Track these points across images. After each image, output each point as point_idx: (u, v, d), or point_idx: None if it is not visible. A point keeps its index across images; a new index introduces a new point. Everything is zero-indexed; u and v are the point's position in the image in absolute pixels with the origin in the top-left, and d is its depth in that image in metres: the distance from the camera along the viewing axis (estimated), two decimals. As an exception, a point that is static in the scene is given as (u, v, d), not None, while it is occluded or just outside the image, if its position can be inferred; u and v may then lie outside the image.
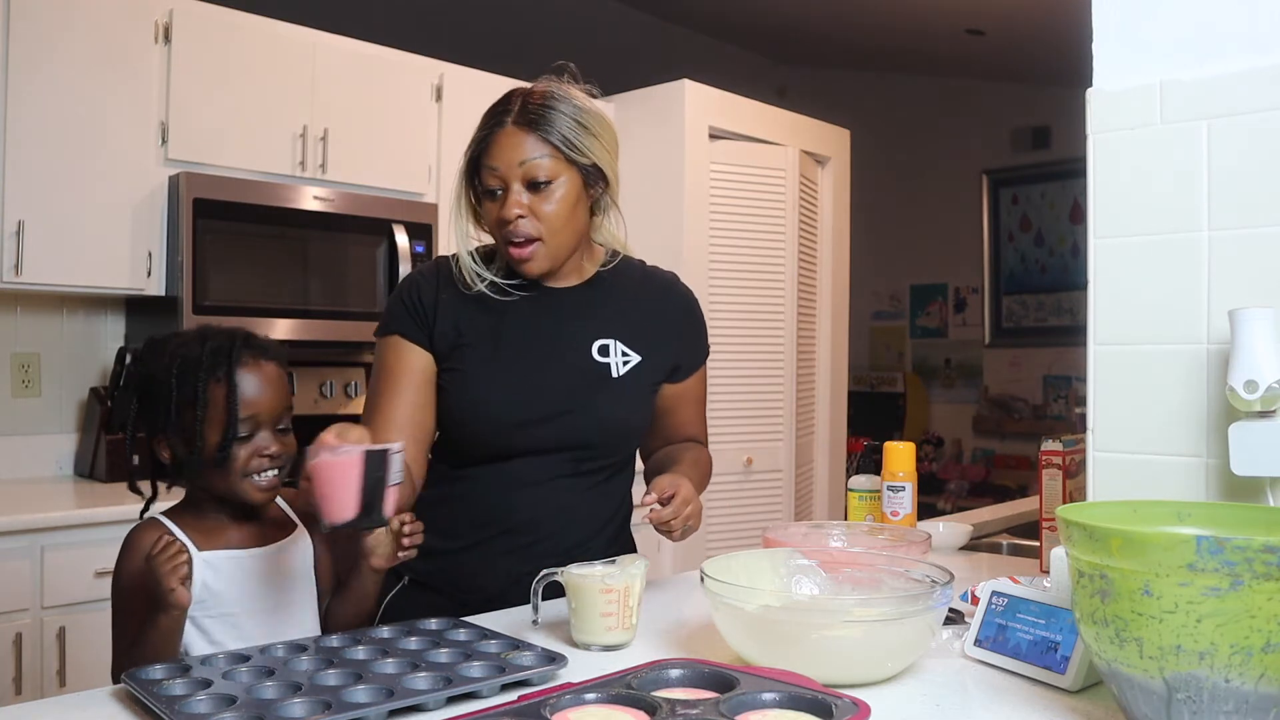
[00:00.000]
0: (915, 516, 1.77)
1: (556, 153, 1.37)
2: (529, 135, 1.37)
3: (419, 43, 3.35)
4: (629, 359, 1.48)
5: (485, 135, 1.40)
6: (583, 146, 1.39)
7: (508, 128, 1.38)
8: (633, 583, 1.18)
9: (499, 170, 1.38)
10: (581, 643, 1.18)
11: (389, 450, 1.11)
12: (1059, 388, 5.83)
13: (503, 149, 1.37)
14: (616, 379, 1.47)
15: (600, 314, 1.49)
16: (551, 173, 1.37)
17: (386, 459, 1.10)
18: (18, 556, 2.21)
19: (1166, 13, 1.16)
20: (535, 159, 1.36)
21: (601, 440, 1.47)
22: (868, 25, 5.16)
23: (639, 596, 1.20)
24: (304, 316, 2.91)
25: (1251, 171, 1.08)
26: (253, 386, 1.29)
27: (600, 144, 1.42)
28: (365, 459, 1.09)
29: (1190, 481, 1.11)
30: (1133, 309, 1.16)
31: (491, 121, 1.40)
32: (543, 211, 1.38)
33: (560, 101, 1.40)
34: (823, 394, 4.24)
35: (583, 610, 1.18)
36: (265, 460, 1.30)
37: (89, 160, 2.61)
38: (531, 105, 1.39)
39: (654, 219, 3.72)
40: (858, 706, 0.87)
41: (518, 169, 1.37)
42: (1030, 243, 5.97)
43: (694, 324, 1.59)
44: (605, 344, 1.48)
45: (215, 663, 1.06)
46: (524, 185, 1.37)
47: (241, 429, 1.28)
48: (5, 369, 2.80)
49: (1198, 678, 0.80)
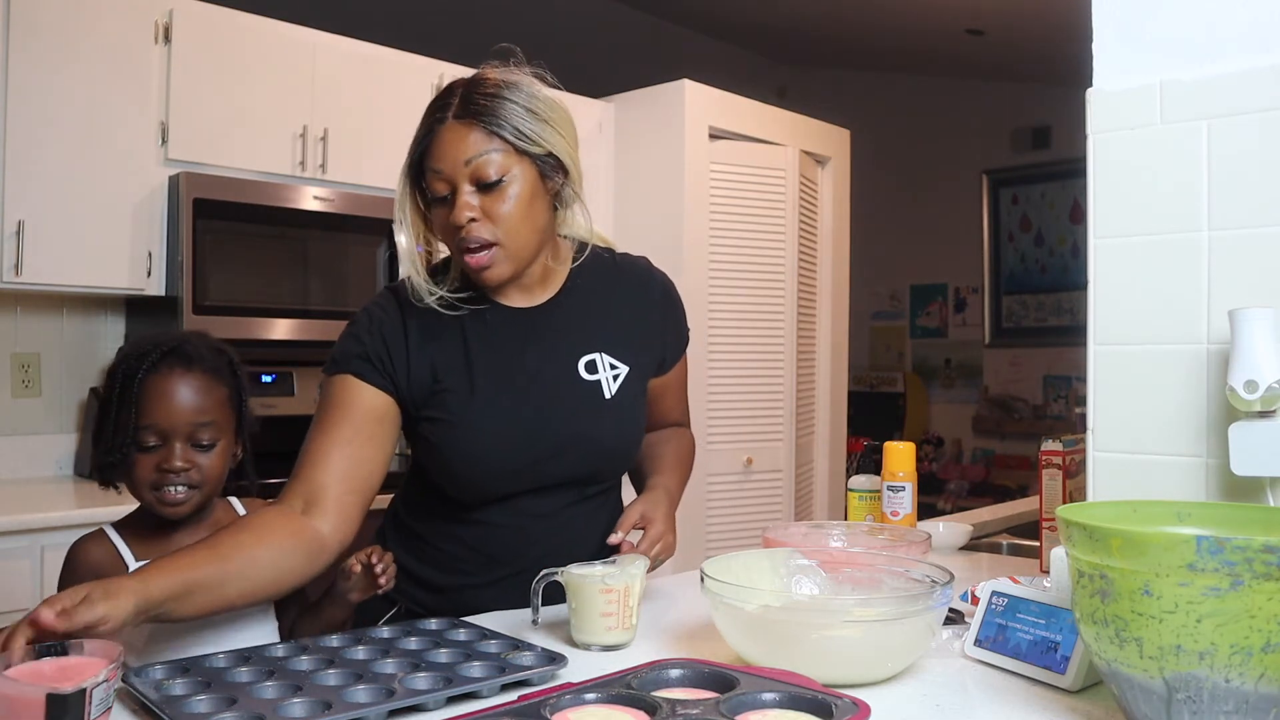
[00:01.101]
0: (915, 516, 1.77)
1: (506, 145, 1.23)
2: (473, 129, 1.23)
3: (419, 43, 3.35)
4: (618, 371, 1.38)
5: (425, 134, 1.26)
6: (535, 136, 1.25)
7: (449, 123, 1.24)
8: (632, 583, 1.18)
9: (443, 172, 1.24)
10: (581, 643, 1.18)
11: (85, 690, 0.84)
12: (1059, 388, 5.82)
13: (446, 147, 1.23)
14: (610, 400, 1.37)
15: (580, 325, 1.38)
16: (502, 168, 1.23)
17: (84, 700, 0.83)
18: (18, 556, 2.21)
19: (1166, 13, 1.16)
20: (482, 155, 1.22)
21: (606, 466, 1.41)
22: (868, 25, 5.16)
23: (639, 596, 1.19)
24: (304, 316, 2.91)
25: (1251, 172, 1.08)
26: (164, 396, 1.23)
27: (555, 130, 1.27)
28: (48, 704, 0.82)
29: (1190, 481, 1.11)
30: (1133, 309, 1.16)
31: (431, 118, 1.26)
32: (497, 212, 1.24)
33: (506, 88, 1.25)
34: (823, 394, 4.24)
35: (583, 610, 1.17)
36: (168, 475, 1.23)
37: (89, 160, 2.61)
38: (474, 96, 1.24)
39: (654, 219, 3.72)
40: (858, 706, 0.87)
41: (464, 168, 1.23)
42: (1030, 243, 5.97)
43: (674, 313, 1.50)
44: (591, 359, 1.37)
45: (215, 663, 1.06)
46: (473, 185, 1.23)
47: (147, 439, 1.23)
48: (5, 369, 2.80)
49: (1198, 678, 0.80)
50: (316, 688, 0.99)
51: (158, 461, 1.24)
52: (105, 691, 0.87)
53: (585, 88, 3.83)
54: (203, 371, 1.27)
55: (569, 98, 1.38)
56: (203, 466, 1.26)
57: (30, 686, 0.84)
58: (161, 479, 1.24)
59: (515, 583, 1.35)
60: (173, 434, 1.24)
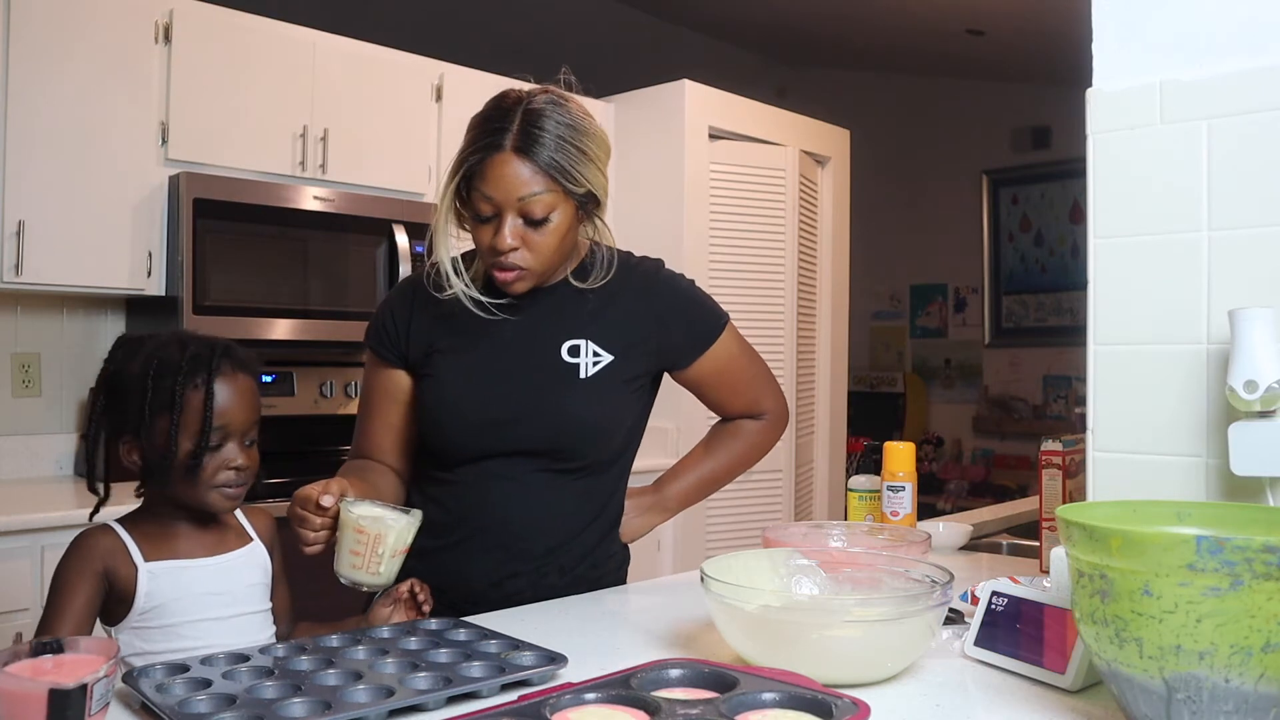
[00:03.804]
0: (915, 516, 1.78)
1: (554, 185, 1.31)
2: (526, 165, 1.29)
3: (419, 43, 3.35)
4: (599, 359, 1.44)
5: (481, 157, 1.31)
6: (583, 178, 1.33)
7: (505, 153, 1.29)
8: (385, 533, 1.23)
9: (494, 199, 1.31)
10: (335, 570, 1.25)
11: (86, 684, 0.86)
12: (1059, 388, 5.83)
13: (500, 179, 1.30)
14: (584, 380, 1.43)
15: (574, 314, 1.45)
16: (549, 207, 1.32)
17: (85, 694, 0.86)
18: (18, 556, 2.21)
19: (1166, 13, 1.16)
20: (534, 195, 1.30)
21: (570, 442, 1.44)
22: (868, 25, 5.16)
23: (392, 549, 1.24)
24: (304, 316, 2.91)
25: (1252, 171, 1.08)
26: (228, 398, 1.28)
27: (598, 168, 1.36)
28: (50, 699, 0.84)
29: (1190, 481, 1.11)
30: (1133, 309, 1.16)
31: (487, 139, 1.31)
32: (537, 244, 1.33)
33: (559, 122, 1.32)
34: (823, 394, 4.24)
35: (340, 541, 1.24)
36: (232, 473, 1.29)
37: (89, 160, 2.61)
38: (534, 131, 1.30)
39: (654, 219, 3.72)
40: (858, 706, 0.87)
41: (515, 202, 1.30)
42: (1030, 243, 5.97)
43: (683, 307, 1.51)
44: (576, 344, 1.44)
45: (215, 663, 1.06)
46: (520, 218, 1.32)
47: (213, 439, 1.27)
48: (5, 369, 2.80)
49: (1198, 678, 0.80)
50: (316, 688, 0.99)
51: (223, 461, 1.29)
52: (106, 687, 0.87)
53: (585, 88, 3.83)
54: (251, 375, 1.34)
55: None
56: (254, 462, 1.33)
57: (32, 681, 0.84)
58: (228, 477, 1.29)
59: (474, 545, 1.44)
60: (234, 434, 1.30)
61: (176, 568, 1.29)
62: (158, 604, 1.26)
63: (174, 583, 1.28)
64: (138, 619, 1.25)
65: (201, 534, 1.33)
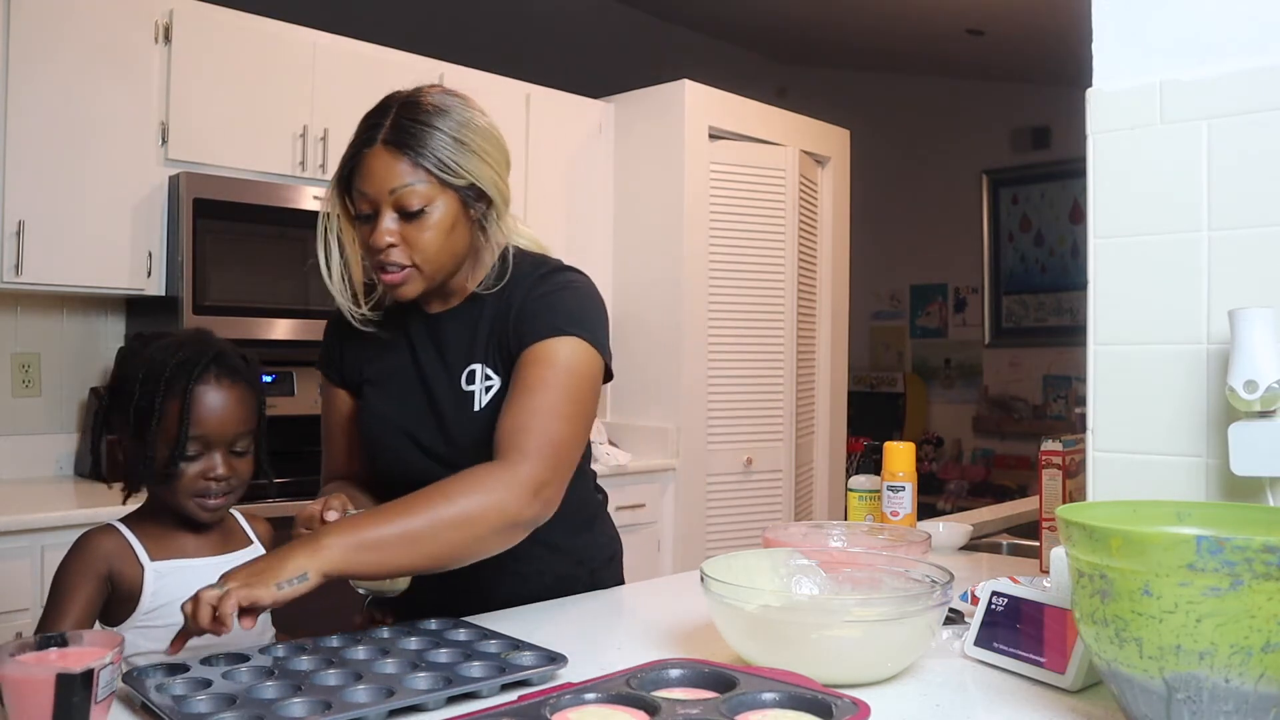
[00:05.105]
0: (915, 516, 1.78)
1: (430, 177, 1.26)
2: (400, 159, 1.26)
3: (419, 43, 3.35)
4: (490, 384, 1.37)
5: (355, 155, 1.29)
6: (459, 168, 1.28)
7: (377, 148, 1.27)
8: None
9: (369, 195, 1.27)
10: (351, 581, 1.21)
11: (93, 670, 0.87)
12: (1059, 388, 5.83)
13: (373, 173, 1.26)
14: (476, 412, 1.36)
15: (474, 336, 1.39)
16: (425, 198, 1.26)
17: (91, 680, 0.87)
18: (18, 556, 2.21)
19: (1166, 13, 1.16)
20: (407, 186, 1.26)
21: None
22: (868, 25, 5.16)
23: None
24: (304, 316, 2.90)
25: (1251, 172, 1.08)
26: (210, 407, 1.26)
27: (481, 160, 1.30)
28: (58, 684, 0.86)
29: (1190, 481, 1.11)
30: (1133, 309, 1.16)
31: (362, 139, 1.29)
32: (416, 239, 1.28)
33: (437, 116, 1.28)
34: (822, 394, 4.24)
35: None
36: (211, 483, 1.27)
37: (89, 160, 2.61)
38: (405, 123, 1.27)
39: (654, 219, 3.72)
40: (858, 706, 0.87)
41: (389, 195, 1.26)
42: (1030, 243, 5.97)
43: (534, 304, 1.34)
44: (472, 369, 1.38)
45: (215, 663, 1.06)
46: (396, 212, 1.27)
47: (191, 448, 1.25)
48: (5, 369, 2.79)
49: (1198, 678, 0.80)
50: (316, 688, 0.99)
51: (202, 470, 1.27)
52: (111, 674, 0.89)
53: (585, 88, 3.83)
54: (244, 383, 1.31)
55: (569, 98, 1.38)
56: (239, 472, 1.30)
57: (39, 667, 0.87)
58: (205, 486, 1.27)
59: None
60: (216, 443, 1.28)
61: (182, 567, 1.29)
62: (163, 603, 1.27)
63: (180, 582, 1.28)
64: (143, 618, 1.26)
65: (201, 535, 1.33)
